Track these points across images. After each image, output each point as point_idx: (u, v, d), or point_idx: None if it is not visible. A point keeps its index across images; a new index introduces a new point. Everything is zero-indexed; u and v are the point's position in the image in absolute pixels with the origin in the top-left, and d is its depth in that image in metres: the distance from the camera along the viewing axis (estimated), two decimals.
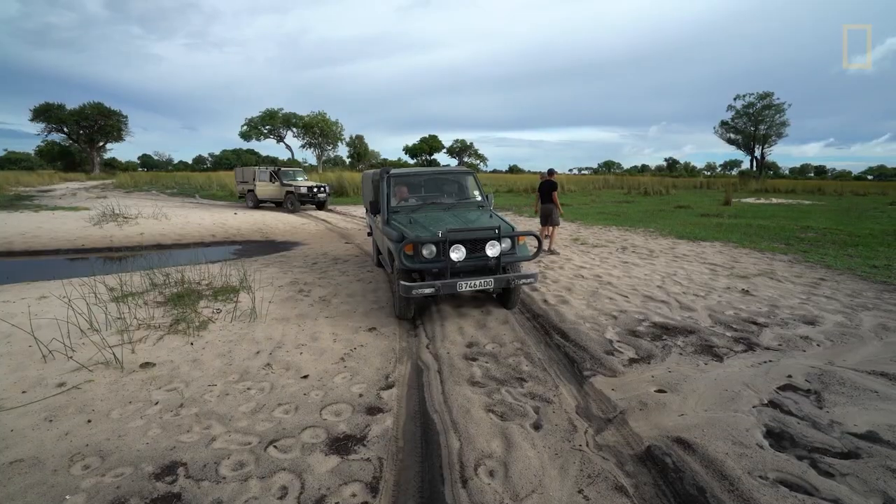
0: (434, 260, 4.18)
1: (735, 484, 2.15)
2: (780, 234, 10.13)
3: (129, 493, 2.08)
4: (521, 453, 2.39)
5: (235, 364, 3.43)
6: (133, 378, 3.16)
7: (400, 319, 4.56)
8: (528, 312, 4.83)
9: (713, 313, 4.73)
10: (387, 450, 2.45)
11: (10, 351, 3.54)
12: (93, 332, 3.89)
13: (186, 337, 3.89)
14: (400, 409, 2.88)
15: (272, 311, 4.67)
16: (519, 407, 2.88)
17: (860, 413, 2.77)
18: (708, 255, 7.71)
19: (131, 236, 11.08)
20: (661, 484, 2.22)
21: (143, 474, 2.21)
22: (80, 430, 2.55)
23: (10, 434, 2.48)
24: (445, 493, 2.13)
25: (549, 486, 2.16)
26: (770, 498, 2.05)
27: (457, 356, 3.67)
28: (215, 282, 5.57)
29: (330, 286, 5.83)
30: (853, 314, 4.69)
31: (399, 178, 5.55)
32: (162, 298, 4.88)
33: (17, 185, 33.23)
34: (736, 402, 2.93)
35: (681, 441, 2.50)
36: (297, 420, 2.71)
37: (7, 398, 2.85)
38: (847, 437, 2.53)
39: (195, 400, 2.90)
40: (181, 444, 2.46)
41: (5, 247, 9.76)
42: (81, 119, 57.28)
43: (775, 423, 2.68)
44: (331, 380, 3.22)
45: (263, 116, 54.21)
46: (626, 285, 5.78)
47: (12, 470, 2.21)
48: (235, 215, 14.96)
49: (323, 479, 2.20)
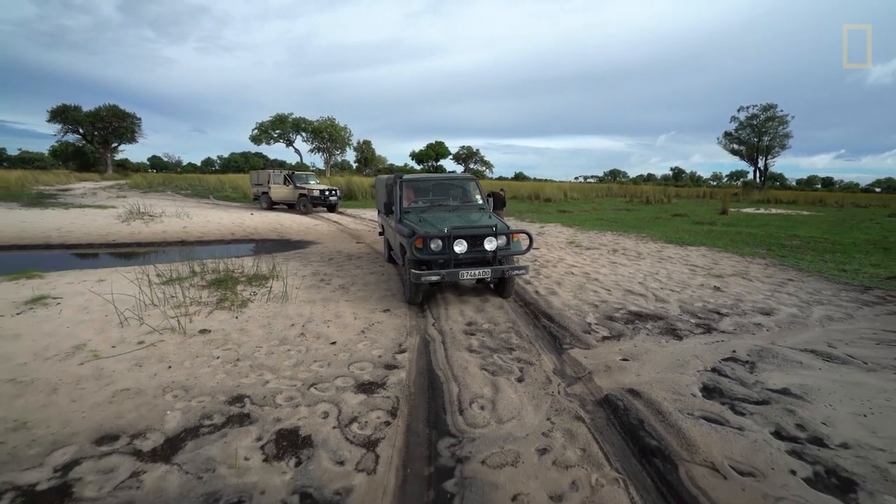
0: (440, 252, 4.89)
1: (667, 417, 2.84)
2: (765, 241, 10.76)
3: (211, 412, 2.80)
4: (505, 395, 3.10)
5: (275, 333, 4.16)
6: (195, 340, 3.89)
7: (410, 304, 5.27)
8: (521, 301, 5.53)
9: (683, 304, 5.40)
10: (402, 392, 3.16)
11: (91, 318, 4.29)
12: (153, 307, 4.63)
13: (231, 312, 4.63)
14: (411, 367, 3.59)
15: (300, 295, 5.41)
16: (507, 367, 3.59)
17: (781, 376, 3.45)
18: (691, 258, 8.38)
19: (157, 233, 11.89)
20: (611, 417, 2.91)
21: (219, 401, 2.93)
22: (164, 373, 3.28)
23: (113, 373, 3.22)
24: (447, 418, 2.83)
25: (525, 416, 2.86)
26: (690, 426, 2.73)
27: (458, 331, 4.38)
28: (247, 271, 6.32)
29: (347, 277, 6.57)
30: (807, 308, 5.35)
31: (410, 183, 6.29)
32: (204, 283, 5.63)
33: (37, 183, 34.36)
34: (684, 367, 3.61)
35: (632, 391, 3.19)
36: (330, 372, 3.42)
37: (101, 350, 3.59)
38: (764, 392, 3.21)
39: (247, 356, 3.63)
40: (243, 384, 3.18)
41: (44, 240, 10.59)
42: (97, 120, 58.59)
43: (711, 382, 3.36)
44: (354, 346, 3.94)
45: (274, 121, 55.31)
46: (611, 281, 6.47)
47: (122, 395, 2.93)
48: (252, 215, 15.77)
49: (354, 408, 2.91)
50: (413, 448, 2.54)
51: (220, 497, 2.08)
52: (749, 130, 51.25)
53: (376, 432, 2.64)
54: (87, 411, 2.75)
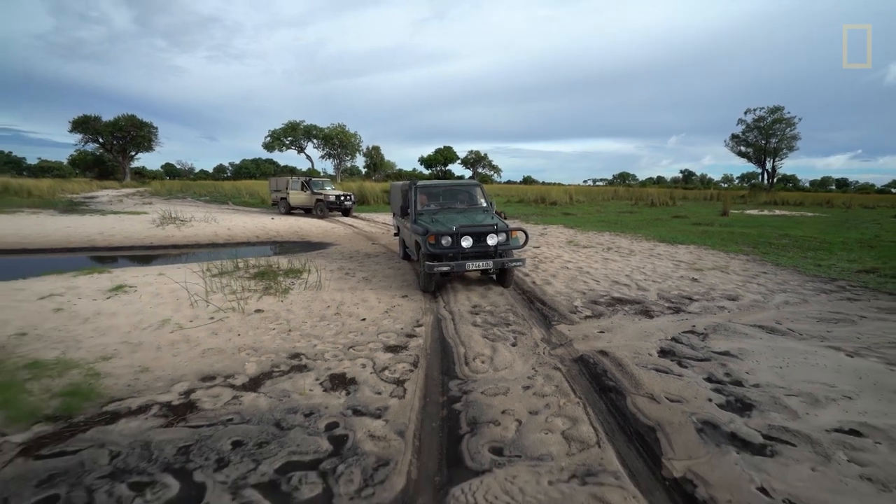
0: (450, 247, 5.79)
1: (625, 368, 3.69)
2: (755, 240, 11.48)
3: (277, 363, 3.72)
4: (501, 354, 3.97)
5: (315, 312, 5.09)
6: (252, 317, 4.83)
7: (424, 292, 6.17)
8: (520, 289, 6.40)
9: (661, 292, 6.22)
10: (421, 352, 4.05)
11: (164, 301, 5.26)
12: (213, 294, 5.59)
13: (276, 298, 5.57)
14: (427, 336, 4.48)
15: (330, 285, 6.34)
16: (504, 336, 4.46)
17: (726, 343, 4.27)
18: (679, 255, 9.17)
19: (189, 236, 12.96)
20: (582, 368, 3.77)
21: (282, 357, 3.85)
22: (235, 338, 4.21)
23: (197, 338, 4.16)
24: (455, 368, 3.72)
25: (515, 367, 3.73)
26: (642, 373, 3.58)
27: (465, 311, 5.27)
28: (282, 267, 7.28)
29: (368, 271, 7.50)
30: (770, 295, 6.13)
31: (423, 189, 7.22)
32: (248, 276, 6.59)
33: (63, 192, 36.05)
34: (648, 337, 4.46)
35: (602, 352, 4.04)
36: (363, 339, 4.33)
37: (182, 323, 4.54)
38: (709, 353, 4.04)
39: (297, 328, 4.55)
40: (297, 346, 4.09)
41: (89, 244, 11.71)
42: (115, 130, 60.67)
43: (668, 346, 4.20)
44: (381, 322, 4.84)
45: (286, 128, 56.83)
46: (600, 274, 7.31)
47: (209, 352, 3.87)
48: (272, 220, 16.84)
49: (385, 361, 3.81)
50: (430, 385, 3.43)
51: (297, 410, 2.99)
52: (756, 133, 51.52)
53: (403, 376, 3.54)
54: (187, 362, 3.69)
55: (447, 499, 2.20)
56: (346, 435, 2.71)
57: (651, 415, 2.97)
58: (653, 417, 2.93)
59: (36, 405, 2.93)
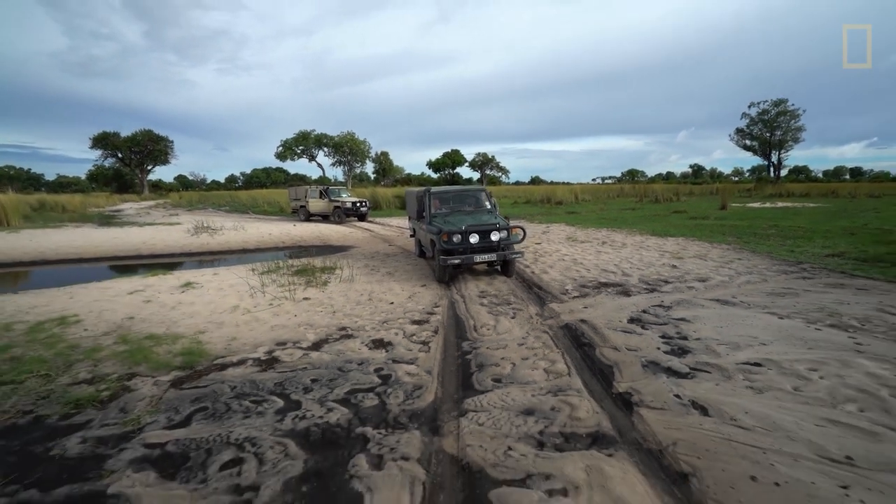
0: (460, 243, 6.89)
1: (598, 330, 4.75)
2: (743, 231, 12.37)
3: (330, 334, 4.85)
4: (502, 323, 5.06)
5: (352, 299, 6.23)
6: (302, 303, 5.99)
7: (439, 282, 7.28)
8: (520, 278, 7.48)
9: (643, 277, 7.25)
10: (439, 324, 5.16)
11: (228, 294, 6.46)
12: (266, 287, 6.77)
13: (318, 289, 6.73)
14: (444, 314, 5.59)
15: (360, 278, 7.49)
16: (505, 311, 5.55)
17: (684, 312, 5.30)
18: (666, 246, 10.16)
19: (222, 243, 14.26)
20: (565, 331, 4.84)
21: (332, 329, 4.98)
22: (293, 318, 5.37)
23: (263, 319, 5.31)
24: (467, 333, 4.82)
25: (513, 331, 4.82)
26: (611, 333, 4.64)
27: (474, 296, 6.37)
28: (317, 265, 8.46)
29: (390, 267, 8.64)
30: (736, 276, 7.12)
31: (436, 194, 8.35)
32: (290, 273, 7.78)
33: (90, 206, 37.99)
34: (623, 310, 5.51)
35: (582, 320, 5.11)
36: (393, 316, 5.45)
37: (249, 308, 5.72)
38: (668, 319, 5.07)
39: (339, 311, 5.69)
40: (342, 322, 5.23)
41: (135, 252, 13.04)
42: (133, 145, 62.93)
43: (636, 316, 5.24)
44: (406, 304, 5.97)
45: (297, 138, 58.42)
46: (592, 264, 8.36)
47: (276, 328, 5.02)
48: (294, 227, 18.14)
49: (412, 330, 4.92)
50: (448, 344, 4.54)
51: (352, 361, 4.11)
52: (761, 126, 51.88)
53: (427, 339, 4.65)
54: (262, 334, 4.85)
55: (462, 405, 3.30)
56: (390, 374, 3.83)
57: (611, 358, 4.04)
58: (612, 360, 4.00)
59: (166, 360, 4.11)
